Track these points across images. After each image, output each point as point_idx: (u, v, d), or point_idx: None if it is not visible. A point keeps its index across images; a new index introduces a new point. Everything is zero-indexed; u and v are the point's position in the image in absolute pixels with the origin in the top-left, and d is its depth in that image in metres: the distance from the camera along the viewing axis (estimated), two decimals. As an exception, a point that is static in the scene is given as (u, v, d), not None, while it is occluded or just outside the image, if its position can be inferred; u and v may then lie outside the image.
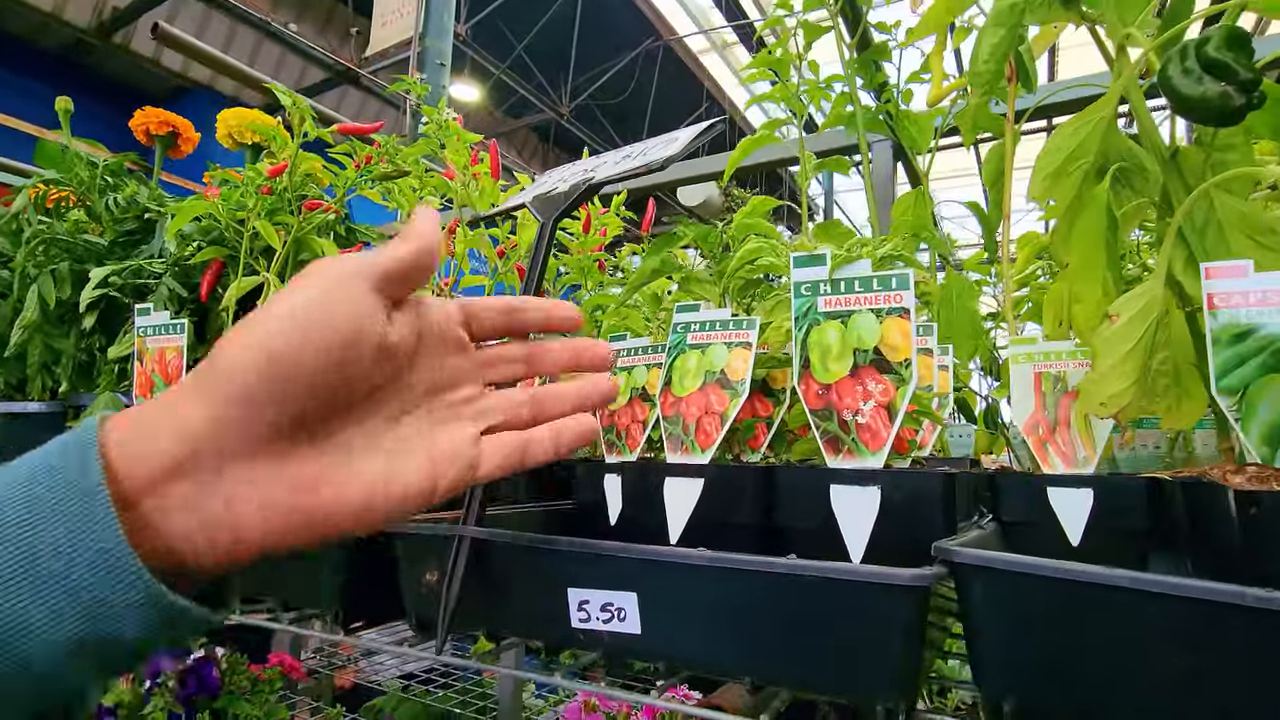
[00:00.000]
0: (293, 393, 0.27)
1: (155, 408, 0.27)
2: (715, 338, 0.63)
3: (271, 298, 0.30)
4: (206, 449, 0.26)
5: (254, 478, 0.27)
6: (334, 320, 0.28)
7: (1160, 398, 0.68)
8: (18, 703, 0.25)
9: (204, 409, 0.26)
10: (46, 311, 0.83)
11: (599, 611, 0.44)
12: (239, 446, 0.27)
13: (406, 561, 0.54)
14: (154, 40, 1.30)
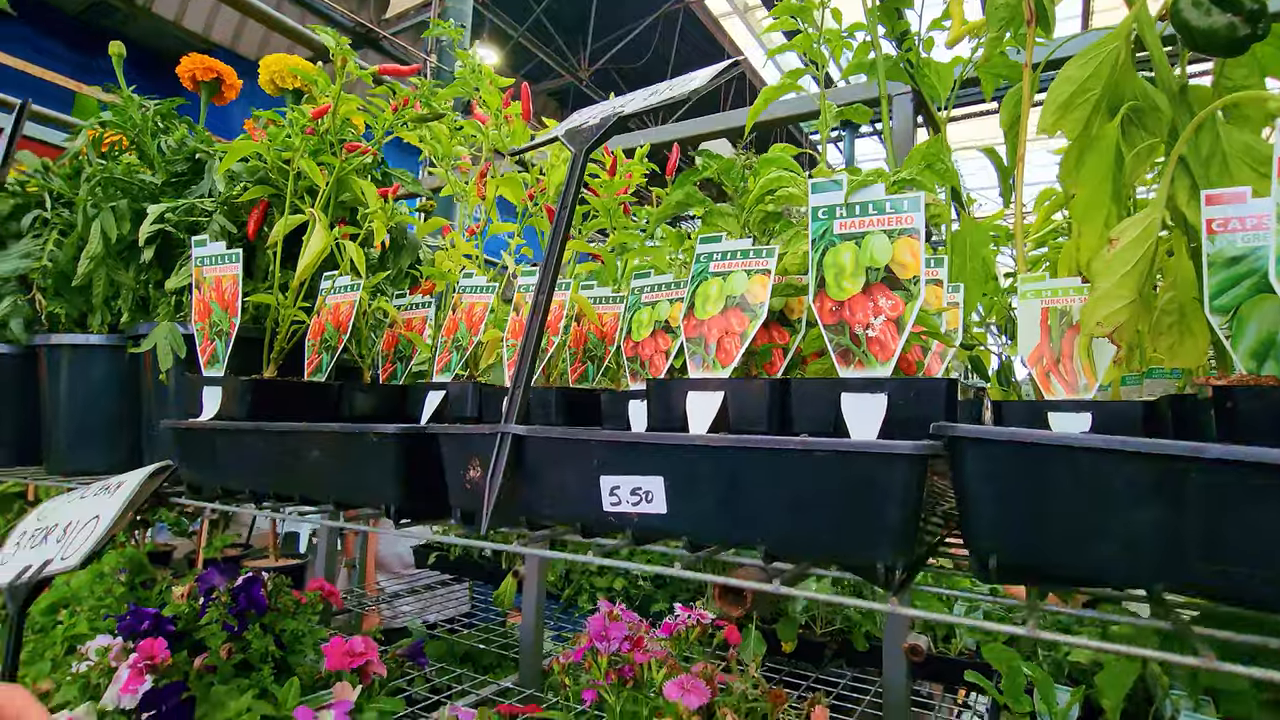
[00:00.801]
0: None
1: None
2: (736, 266, 0.67)
3: None
4: None
5: None
6: None
7: (1164, 335, 0.72)
8: None
9: None
10: (108, 246, 0.89)
11: (629, 495, 0.50)
12: None
13: (451, 461, 0.59)
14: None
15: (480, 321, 0.91)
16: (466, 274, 0.96)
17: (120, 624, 1.05)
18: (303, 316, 0.87)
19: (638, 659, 0.80)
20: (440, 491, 0.62)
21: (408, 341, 1.02)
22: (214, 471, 0.76)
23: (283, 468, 0.68)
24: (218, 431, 0.74)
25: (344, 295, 0.91)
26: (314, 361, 0.90)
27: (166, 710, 0.89)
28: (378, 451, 0.61)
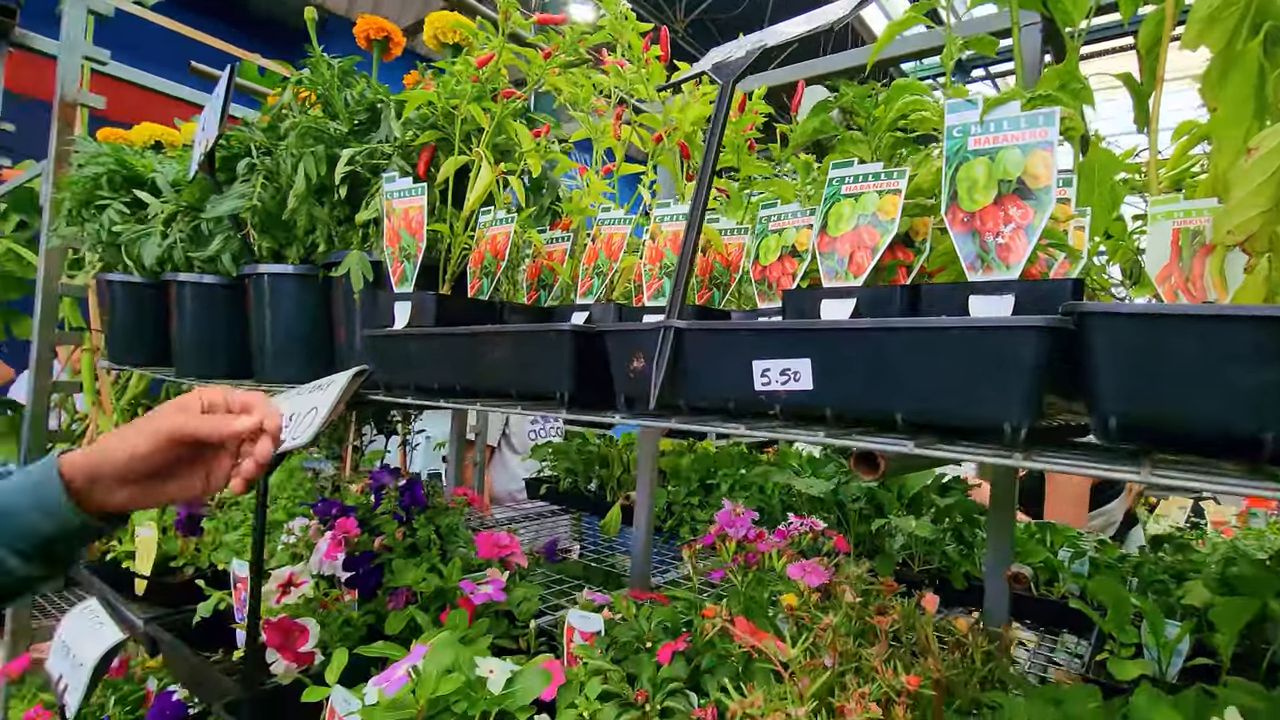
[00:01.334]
0: (121, 472, 0.66)
1: (79, 454, 0.66)
2: (868, 187, 0.73)
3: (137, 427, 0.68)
4: (93, 478, 0.65)
5: (115, 491, 0.67)
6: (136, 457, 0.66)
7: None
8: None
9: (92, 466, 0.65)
10: (309, 186, 1.05)
11: (778, 376, 0.58)
12: (104, 480, 0.65)
13: (616, 355, 0.70)
14: None
15: (619, 250, 1.01)
16: (605, 208, 1.06)
17: (315, 509, 1.27)
18: (469, 243, 1.00)
19: (761, 548, 0.90)
20: (604, 385, 0.73)
21: (549, 271, 1.14)
22: (407, 372, 0.91)
23: (471, 366, 0.82)
24: (413, 337, 0.89)
25: (500, 227, 1.03)
26: (475, 285, 1.03)
27: (364, 572, 1.08)
28: (555, 347, 0.73)
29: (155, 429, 0.66)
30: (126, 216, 1.46)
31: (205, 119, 1.24)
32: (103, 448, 0.67)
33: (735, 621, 0.77)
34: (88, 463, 0.65)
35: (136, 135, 1.61)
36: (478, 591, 1.09)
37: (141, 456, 0.66)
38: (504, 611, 1.16)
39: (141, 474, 0.67)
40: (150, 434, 0.66)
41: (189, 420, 0.67)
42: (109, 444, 0.67)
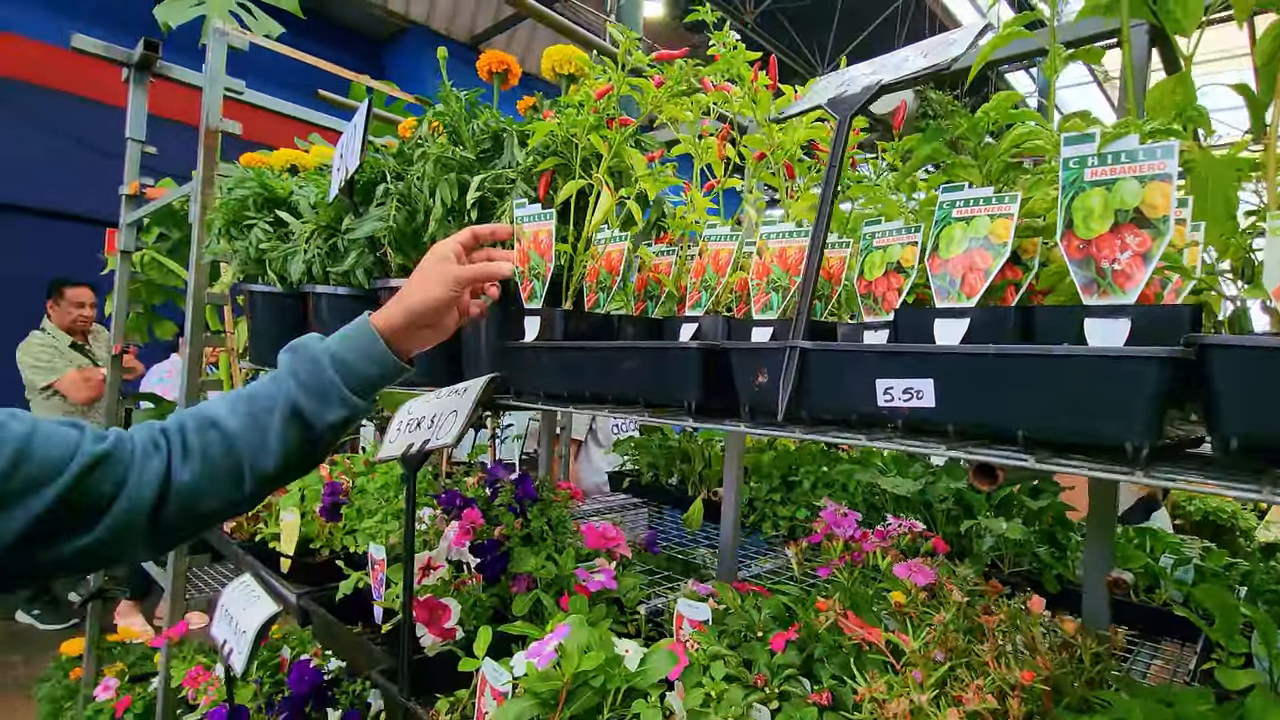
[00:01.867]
0: (423, 318, 0.88)
1: (381, 314, 0.88)
2: (979, 211, 0.77)
3: (408, 289, 0.90)
4: (398, 330, 0.87)
5: (416, 335, 0.90)
6: (438, 302, 0.88)
7: None
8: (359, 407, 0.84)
9: (400, 319, 0.87)
10: (445, 209, 1.17)
11: (900, 394, 0.64)
12: (408, 329, 0.88)
13: (741, 370, 0.77)
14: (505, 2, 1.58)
15: (726, 265, 1.08)
16: (710, 225, 1.13)
17: (440, 499, 1.40)
18: (587, 260, 1.10)
19: (866, 547, 0.96)
20: (727, 394, 0.81)
21: (655, 282, 1.22)
22: (539, 380, 1.01)
23: (601, 376, 0.91)
24: (546, 350, 0.99)
25: (615, 245, 1.12)
26: (592, 299, 1.12)
27: (491, 559, 1.20)
28: (683, 362, 0.81)
29: (452, 277, 0.88)
30: (270, 234, 1.63)
31: (344, 146, 1.38)
32: (405, 305, 0.87)
33: (846, 615, 0.83)
34: (398, 317, 0.87)
35: (275, 160, 1.78)
36: (592, 579, 1.19)
37: (442, 302, 0.88)
38: (613, 598, 1.25)
39: (435, 317, 0.89)
40: (449, 282, 0.87)
41: (472, 267, 0.91)
42: (410, 300, 0.87)
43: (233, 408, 0.79)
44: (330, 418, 0.81)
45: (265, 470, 0.78)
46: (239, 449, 0.77)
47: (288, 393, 0.80)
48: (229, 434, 0.77)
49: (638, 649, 0.85)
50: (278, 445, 0.78)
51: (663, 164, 1.25)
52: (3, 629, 4.18)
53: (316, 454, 0.83)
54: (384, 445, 1.15)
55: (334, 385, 0.81)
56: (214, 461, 0.75)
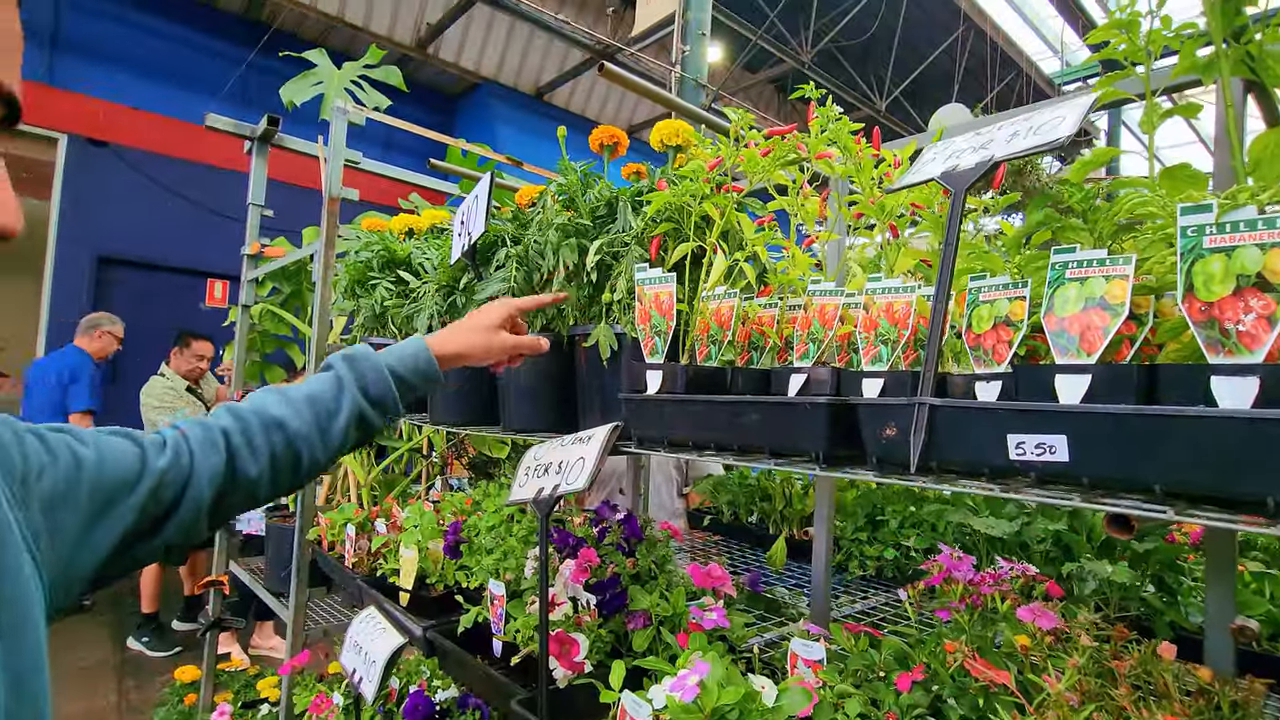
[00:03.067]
0: (466, 363, 1.11)
1: (437, 345, 1.07)
2: (1093, 272, 0.82)
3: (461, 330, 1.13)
4: (445, 361, 1.07)
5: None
6: (484, 358, 1.13)
7: None
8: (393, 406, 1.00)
9: (450, 357, 1.08)
10: (567, 271, 1.28)
11: (1033, 448, 0.69)
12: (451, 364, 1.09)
13: (868, 423, 0.84)
14: (600, 76, 1.73)
15: (833, 319, 1.15)
16: (815, 280, 1.21)
17: (554, 539, 1.49)
18: (699, 317, 1.18)
19: (984, 590, 0.99)
20: (852, 444, 0.87)
21: (759, 334, 1.30)
22: (663, 429, 1.10)
23: (726, 426, 0.98)
24: (670, 401, 1.07)
25: (725, 301, 1.20)
26: (704, 351, 1.21)
27: (611, 596, 1.27)
28: (810, 416, 0.88)
29: (499, 345, 1.13)
30: (392, 292, 1.79)
31: (466, 213, 1.53)
32: (458, 350, 1.09)
33: (975, 657, 0.87)
34: (454, 352, 1.08)
35: (395, 224, 1.96)
36: (705, 617, 1.25)
37: (487, 359, 1.13)
38: (721, 635, 1.31)
39: (474, 364, 1.12)
40: (496, 349, 1.13)
41: (520, 340, 1.15)
42: (462, 348, 1.09)
43: (296, 410, 0.91)
44: (379, 424, 0.98)
45: (319, 464, 0.92)
46: (299, 448, 0.90)
47: (354, 400, 0.95)
48: (293, 435, 0.89)
49: (772, 686, 0.90)
50: (336, 444, 0.93)
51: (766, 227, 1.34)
52: (116, 656, 4.49)
53: (353, 449, 0.99)
54: (514, 489, 1.25)
55: (394, 399, 0.99)
56: (279, 459, 0.88)
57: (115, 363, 7.09)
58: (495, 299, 1.47)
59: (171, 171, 7.23)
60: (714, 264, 1.13)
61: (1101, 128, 10.42)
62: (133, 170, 7.03)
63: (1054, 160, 8.58)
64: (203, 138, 7.14)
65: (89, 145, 6.76)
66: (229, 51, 7.51)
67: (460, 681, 1.51)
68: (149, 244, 7.25)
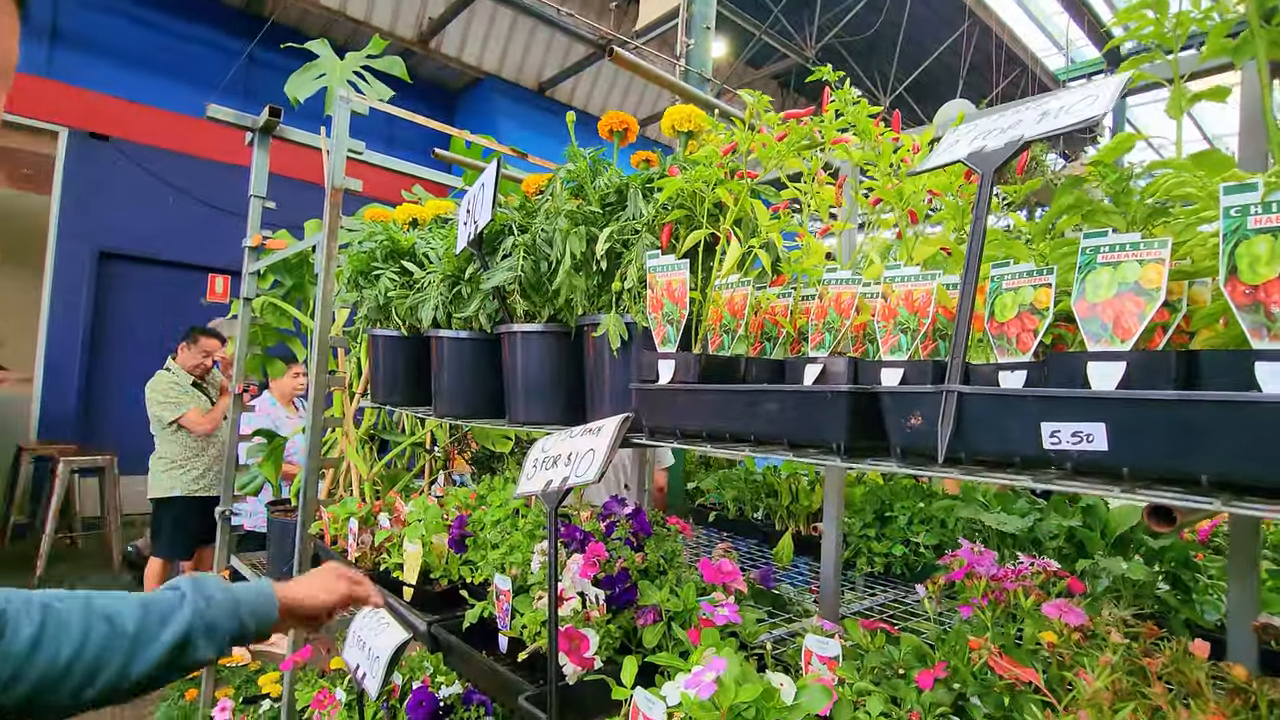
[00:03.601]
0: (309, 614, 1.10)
1: (289, 600, 1.06)
2: (1126, 256, 0.79)
3: (303, 586, 1.12)
4: (292, 616, 1.07)
5: (293, 621, 1.08)
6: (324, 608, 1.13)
7: None
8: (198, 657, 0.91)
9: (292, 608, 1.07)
10: (574, 260, 1.25)
11: (1069, 437, 0.66)
12: (297, 619, 1.08)
13: (893, 412, 0.81)
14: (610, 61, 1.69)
15: (849, 307, 1.12)
16: (830, 269, 1.18)
17: (561, 534, 1.46)
18: (712, 306, 1.15)
19: (1007, 586, 0.96)
20: (874, 434, 0.84)
21: (772, 324, 1.27)
22: (675, 420, 1.07)
23: (742, 416, 0.96)
24: (683, 391, 1.04)
25: (739, 290, 1.17)
26: (716, 341, 1.18)
27: (620, 591, 1.24)
28: (831, 405, 0.85)
29: (337, 598, 1.14)
30: (396, 282, 1.77)
31: (471, 202, 1.50)
32: (300, 600, 1.07)
33: (1000, 655, 0.84)
34: (292, 605, 1.05)
35: (398, 214, 1.94)
36: (717, 613, 1.22)
37: (324, 609, 1.12)
38: (733, 631, 1.28)
39: (314, 616, 1.10)
40: (334, 600, 1.13)
41: (356, 588, 1.18)
42: (308, 595, 1.09)
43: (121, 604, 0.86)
44: (200, 656, 0.90)
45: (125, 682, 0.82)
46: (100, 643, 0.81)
47: (188, 620, 0.88)
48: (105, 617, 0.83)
49: (790, 683, 0.88)
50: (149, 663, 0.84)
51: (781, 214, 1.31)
52: (117, 650, 4.46)
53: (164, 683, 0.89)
54: (521, 482, 1.22)
55: (223, 627, 0.92)
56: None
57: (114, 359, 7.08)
58: (499, 286, 1.44)
59: (172, 166, 7.20)
60: (728, 251, 1.10)
61: (1106, 124, 10.38)
62: (133, 164, 7.00)
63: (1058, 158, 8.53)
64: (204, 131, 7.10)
65: (90, 139, 6.73)
66: (230, 45, 7.48)
67: (466, 677, 1.48)
68: (150, 239, 7.22)
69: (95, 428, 6.89)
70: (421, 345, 1.78)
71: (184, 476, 4.43)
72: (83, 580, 5.53)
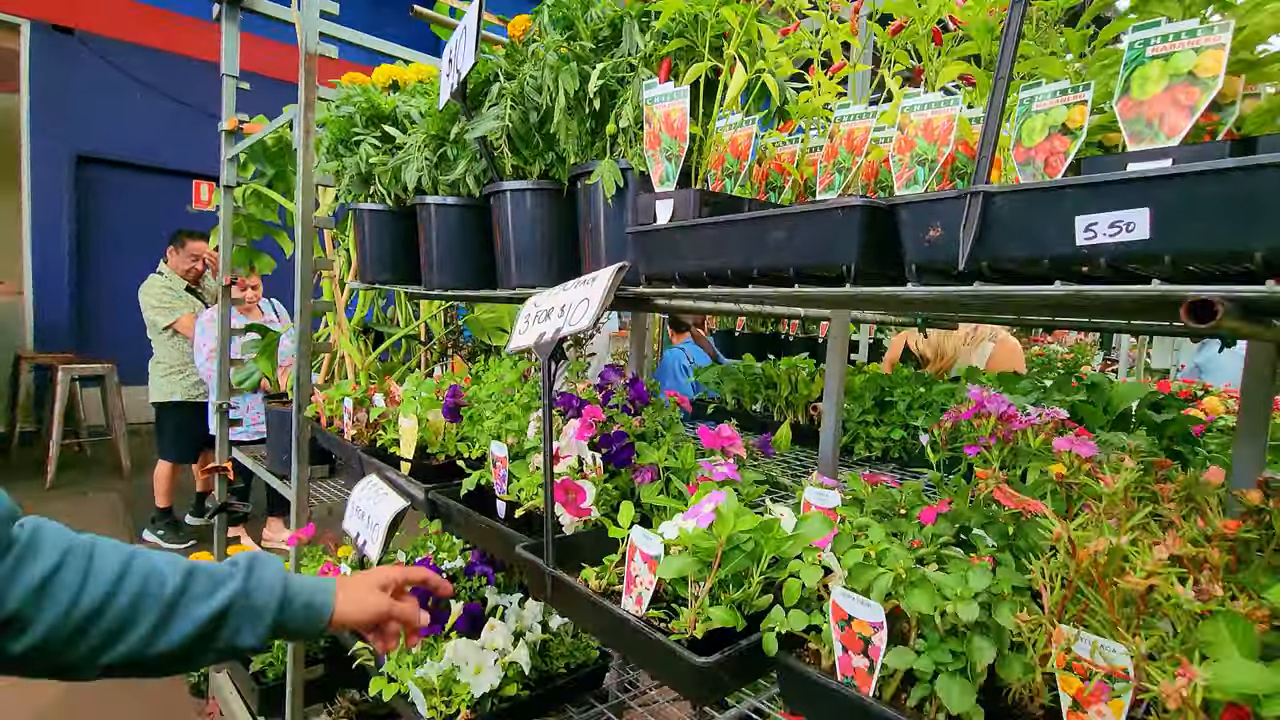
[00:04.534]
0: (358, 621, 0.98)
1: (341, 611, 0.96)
2: (1181, 45, 0.70)
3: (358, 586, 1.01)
4: (343, 624, 0.96)
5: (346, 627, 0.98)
6: (365, 623, 0.98)
7: None
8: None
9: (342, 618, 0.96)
10: (567, 100, 1.16)
11: (1106, 228, 0.60)
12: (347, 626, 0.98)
13: (910, 225, 0.74)
14: None
15: (861, 144, 1.03)
16: (843, 104, 1.08)
17: (558, 401, 1.43)
18: (714, 147, 1.07)
19: (1015, 425, 0.93)
20: (887, 258, 0.78)
21: (778, 174, 1.19)
22: (674, 263, 1.01)
23: (745, 250, 0.89)
24: (681, 229, 0.98)
25: (742, 129, 1.08)
26: (718, 185, 1.10)
27: (617, 449, 1.22)
28: (843, 223, 0.78)
29: (375, 610, 0.98)
30: (378, 149, 1.66)
31: (454, 50, 1.38)
32: (351, 611, 0.96)
33: (1004, 486, 0.82)
34: (343, 616, 0.95)
35: (378, 77, 1.80)
36: (716, 471, 1.21)
37: (367, 624, 0.98)
38: (734, 488, 1.27)
39: (363, 628, 0.99)
40: (374, 613, 0.98)
41: (399, 607, 1.01)
42: (360, 607, 0.97)
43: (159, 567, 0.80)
44: (239, 642, 0.84)
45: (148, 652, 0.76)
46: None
47: (231, 595, 0.83)
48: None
49: (791, 514, 0.86)
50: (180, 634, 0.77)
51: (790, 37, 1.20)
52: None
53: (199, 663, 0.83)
54: (513, 337, 1.18)
55: (268, 616, 0.86)
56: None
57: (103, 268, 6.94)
58: (485, 141, 1.34)
59: (143, 61, 6.82)
60: (731, 80, 1.00)
61: None
62: (102, 60, 6.63)
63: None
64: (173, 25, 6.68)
65: (54, 31, 6.34)
66: (195, -73, 6.92)
67: (465, 539, 1.50)
68: (130, 143, 6.94)
69: (91, 337, 6.86)
70: (409, 219, 1.70)
71: (183, 381, 4.42)
72: (93, 484, 5.64)
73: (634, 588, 0.90)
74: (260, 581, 0.86)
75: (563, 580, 0.99)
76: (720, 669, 0.77)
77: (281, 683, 2.09)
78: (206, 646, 0.80)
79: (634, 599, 0.90)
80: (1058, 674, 0.66)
